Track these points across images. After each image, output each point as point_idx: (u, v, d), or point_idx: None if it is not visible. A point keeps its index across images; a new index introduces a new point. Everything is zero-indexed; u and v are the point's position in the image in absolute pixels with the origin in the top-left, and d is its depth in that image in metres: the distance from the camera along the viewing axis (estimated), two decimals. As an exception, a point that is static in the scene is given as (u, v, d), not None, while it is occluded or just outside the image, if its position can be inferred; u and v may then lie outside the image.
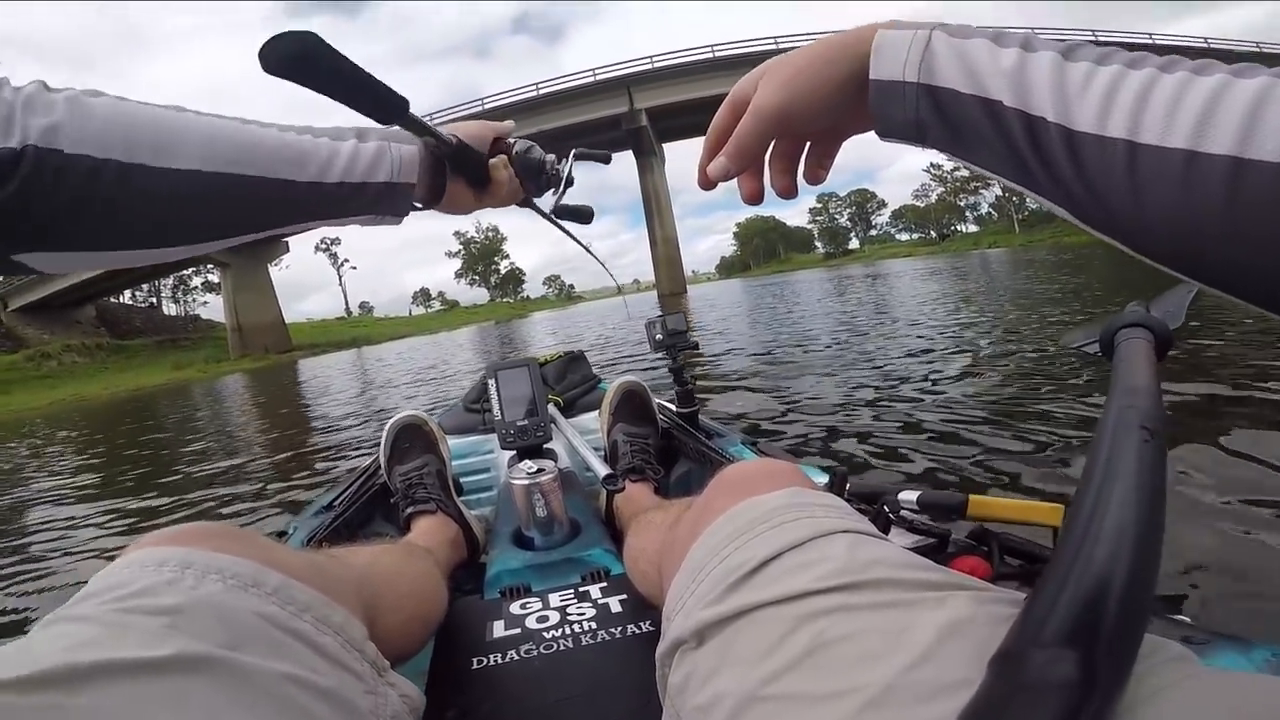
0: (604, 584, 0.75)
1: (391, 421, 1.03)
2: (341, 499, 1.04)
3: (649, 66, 27.64)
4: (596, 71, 28.00)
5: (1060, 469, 1.62)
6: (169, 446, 5.23)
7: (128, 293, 46.17)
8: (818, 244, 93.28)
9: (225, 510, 2.65)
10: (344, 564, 0.51)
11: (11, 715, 0.27)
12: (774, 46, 27.25)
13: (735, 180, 0.45)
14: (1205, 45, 30.70)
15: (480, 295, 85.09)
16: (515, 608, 0.71)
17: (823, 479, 0.82)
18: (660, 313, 1.21)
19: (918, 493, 0.72)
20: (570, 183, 0.69)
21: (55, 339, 32.82)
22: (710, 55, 27.55)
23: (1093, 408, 2.09)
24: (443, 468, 1.00)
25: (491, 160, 0.61)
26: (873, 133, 0.39)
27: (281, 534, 0.93)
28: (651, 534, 0.62)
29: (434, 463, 0.99)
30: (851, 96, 0.38)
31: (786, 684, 0.29)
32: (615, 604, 0.69)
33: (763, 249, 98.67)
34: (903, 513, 0.72)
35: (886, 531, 0.71)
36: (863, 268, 32.85)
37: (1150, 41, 30.10)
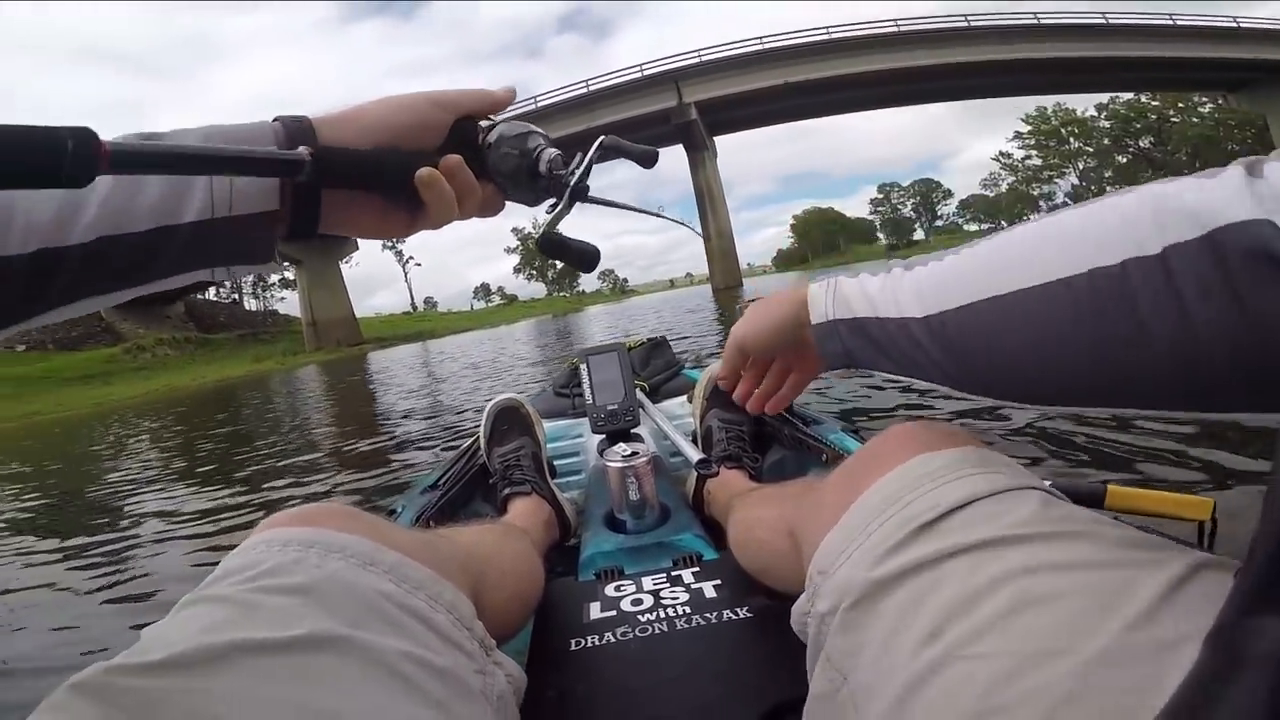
0: (696, 569, 0.75)
1: (491, 404, 1.05)
2: (446, 479, 1.06)
3: (696, 60, 27.48)
4: (644, 67, 28.04)
5: (1212, 451, 1.49)
6: (266, 431, 5.52)
7: (213, 290, 49.23)
8: (880, 235, 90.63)
9: (328, 491, 2.76)
10: (451, 543, 0.52)
11: (153, 697, 0.28)
12: (826, 37, 26.57)
13: None
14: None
15: (538, 290, 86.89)
16: (610, 590, 0.72)
17: None
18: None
19: (1049, 481, 0.68)
20: (580, 195, 0.43)
21: (149, 333, 35.50)
22: (759, 46, 27.16)
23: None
24: (538, 450, 1.02)
25: (422, 172, 0.37)
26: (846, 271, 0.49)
27: (391, 513, 0.97)
28: (772, 503, 0.61)
29: (530, 445, 1.01)
30: (797, 334, 0.51)
31: (993, 641, 0.28)
32: (709, 589, 0.69)
33: (822, 241, 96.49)
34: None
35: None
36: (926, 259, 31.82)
37: (1235, 24, 27.50)
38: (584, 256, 0.44)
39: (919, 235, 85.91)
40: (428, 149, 0.40)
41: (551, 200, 0.43)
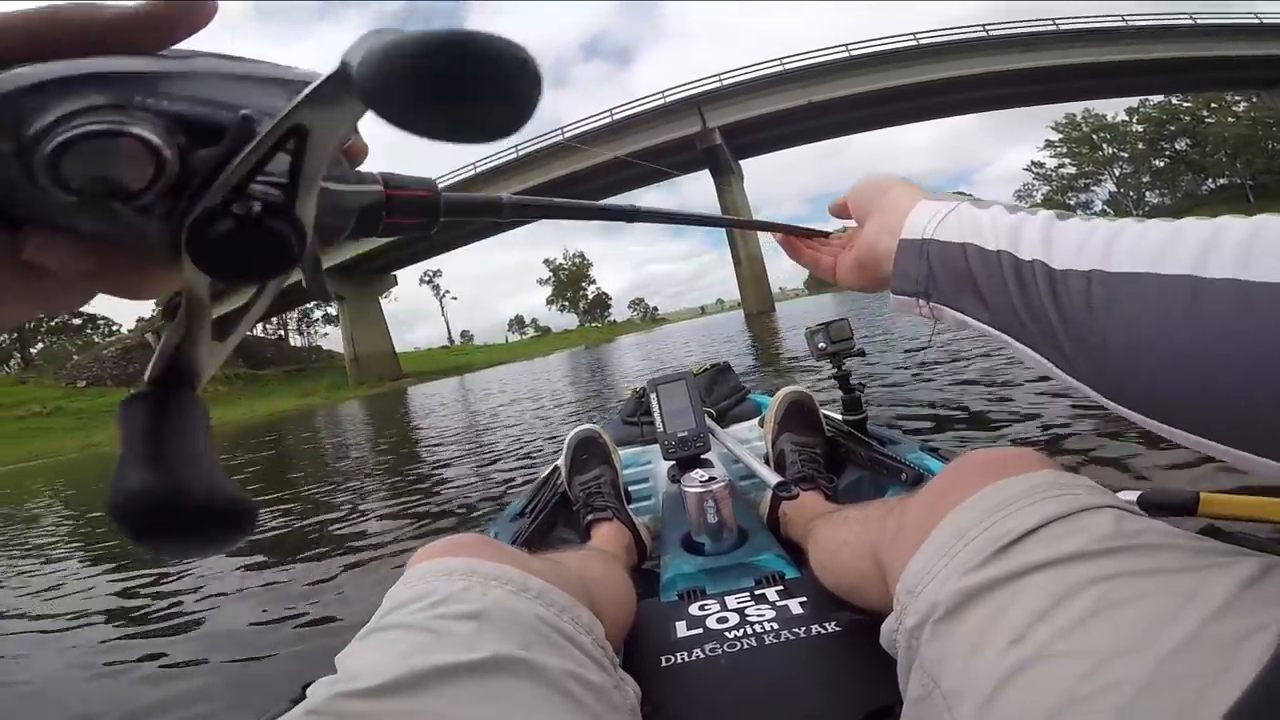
0: (780, 587, 0.76)
1: (571, 435, 1.11)
2: (533, 506, 1.11)
3: (718, 84, 27.54)
4: (666, 94, 28.22)
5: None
6: (340, 460, 5.67)
7: (259, 326, 51.22)
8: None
9: (417, 519, 2.76)
10: (570, 569, 0.56)
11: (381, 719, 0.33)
12: (846, 55, 26.45)
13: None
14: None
15: (570, 320, 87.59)
16: (694, 609, 0.74)
17: None
18: (823, 321, 1.21)
19: (1137, 493, 0.68)
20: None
21: None
22: (780, 68, 27.17)
23: None
24: (616, 477, 1.06)
25: None
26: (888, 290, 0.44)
27: None
28: (853, 526, 0.63)
29: (609, 473, 1.05)
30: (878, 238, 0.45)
31: (1074, 641, 0.30)
32: (795, 606, 0.70)
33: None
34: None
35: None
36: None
37: (1258, 21, 26.76)
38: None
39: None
40: None
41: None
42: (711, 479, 0.90)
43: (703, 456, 1.07)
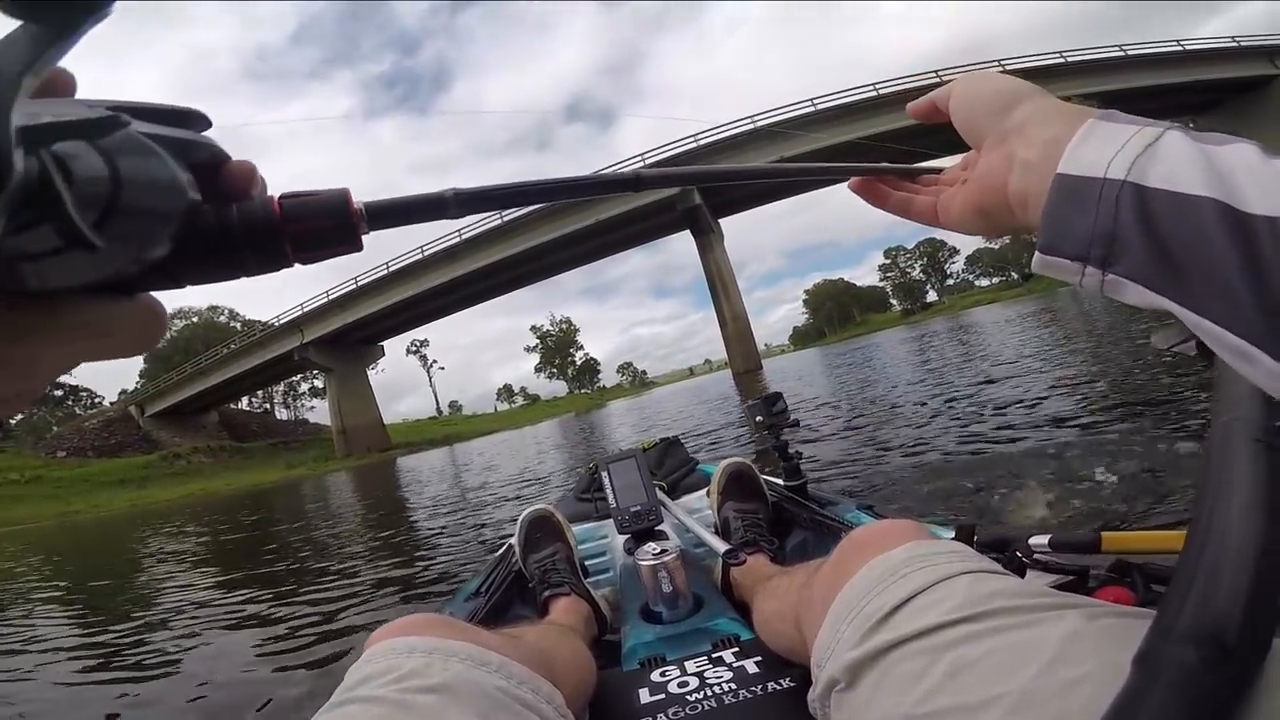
0: (736, 649, 0.79)
1: (523, 515, 1.13)
2: (489, 585, 1.13)
3: (694, 145, 28.28)
4: (645, 157, 28.56)
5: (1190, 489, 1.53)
6: (303, 538, 5.60)
7: (245, 400, 50.76)
8: (893, 301, 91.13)
9: (373, 598, 2.79)
10: (526, 642, 0.59)
11: None
12: (813, 109, 27.66)
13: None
14: (1235, 45, 28.91)
15: (559, 387, 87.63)
16: (656, 676, 0.76)
17: (948, 534, 0.83)
18: (757, 397, 1.29)
19: (1049, 535, 0.73)
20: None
21: (185, 442, 36.93)
22: (750, 126, 28.10)
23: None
24: (571, 553, 1.08)
25: None
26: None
27: None
28: (782, 596, 0.67)
29: (563, 549, 1.07)
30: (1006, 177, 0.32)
31: (938, 701, 0.34)
32: (751, 665, 0.73)
33: (836, 313, 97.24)
34: (1035, 556, 0.72)
35: (1022, 574, 0.71)
36: (946, 321, 31.62)
37: (1181, 49, 28.61)
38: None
39: (932, 297, 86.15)
40: None
41: None
42: (664, 551, 0.94)
43: (657, 528, 1.11)
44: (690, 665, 0.77)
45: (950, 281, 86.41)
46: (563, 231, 29.09)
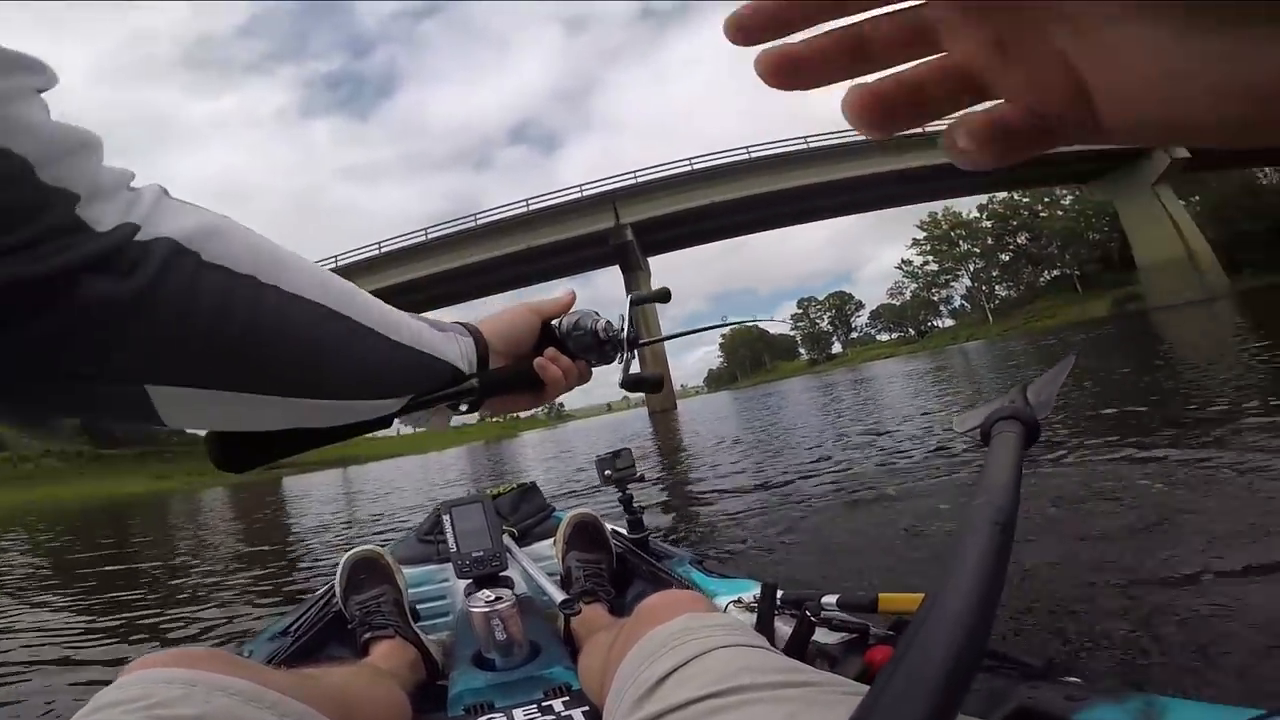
0: (566, 698, 0.79)
1: (346, 556, 1.09)
2: (299, 624, 1.08)
3: (633, 181, 28.63)
4: (583, 187, 28.99)
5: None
6: (136, 557, 5.24)
7: None
8: (801, 350, 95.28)
9: (185, 627, 2.67)
10: (321, 682, 0.58)
11: None
12: (747, 156, 28.61)
13: None
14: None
15: (469, 415, 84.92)
16: None
17: (754, 589, 0.88)
18: (606, 452, 1.33)
19: (838, 595, 0.79)
20: (634, 344, 0.59)
21: (36, 444, 33.10)
22: (689, 168, 28.76)
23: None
24: (399, 596, 1.06)
25: (538, 361, 0.54)
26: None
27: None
28: (598, 655, 0.69)
29: (391, 592, 1.05)
30: None
31: None
32: (579, 715, 0.73)
33: (749, 359, 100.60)
34: (824, 615, 0.78)
35: (811, 631, 0.77)
36: (845, 372, 33.39)
37: None
38: (657, 383, 0.60)
39: (837, 348, 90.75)
40: (531, 343, 0.57)
41: (620, 355, 0.59)
42: (498, 598, 0.93)
43: (501, 574, 1.11)
44: (519, 714, 0.76)
45: (854, 334, 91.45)
46: (492, 254, 28.60)
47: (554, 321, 0.58)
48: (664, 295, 0.61)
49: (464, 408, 0.51)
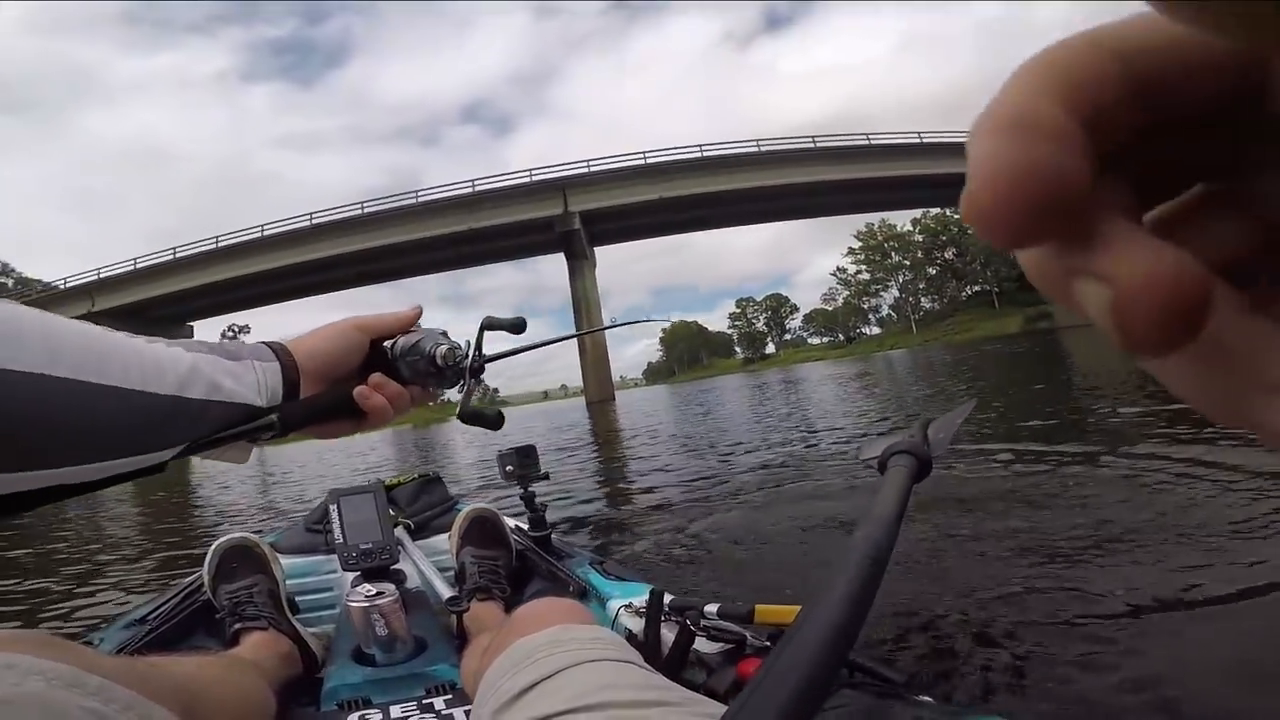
0: (449, 696, 0.78)
1: (216, 544, 1.04)
2: (158, 613, 1.03)
3: (585, 170, 28.46)
4: (533, 172, 28.59)
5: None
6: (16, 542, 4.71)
7: None
8: (737, 349, 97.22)
9: (31, 612, 2.54)
10: (163, 671, 0.55)
11: None
12: (699, 155, 28.85)
13: None
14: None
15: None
16: (353, 719, 0.74)
17: (643, 596, 0.89)
18: (510, 447, 1.30)
19: (719, 605, 0.81)
20: (477, 373, 0.53)
21: None
22: (641, 161, 28.77)
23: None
24: (274, 587, 1.01)
25: (359, 390, 0.49)
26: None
27: (88, 643, 0.91)
28: (477, 658, 0.68)
29: (265, 582, 1.00)
30: None
31: None
32: (460, 714, 0.72)
33: (687, 354, 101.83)
34: (704, 624, 0.79)
35: (691, 640, 0.78)
36: (778, 373, 34.16)
37: None
38: (496, 420, 0.55)
39: (770, 349, 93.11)
40: (355, 366, 0.52)
41: (459, 383, 0.53)
42: (380, 593, 0.91)
43: (393, 568, 1.08)
44: (395, 710, 0.75)
45: (788, 336, 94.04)
46: (430, 233, 27.83)
47: (387, 342, 0.53)
48: (519, 325, 0.56)
49: (267, 436, 0.46)
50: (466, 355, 0.52)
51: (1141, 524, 1.79)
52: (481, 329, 0.54)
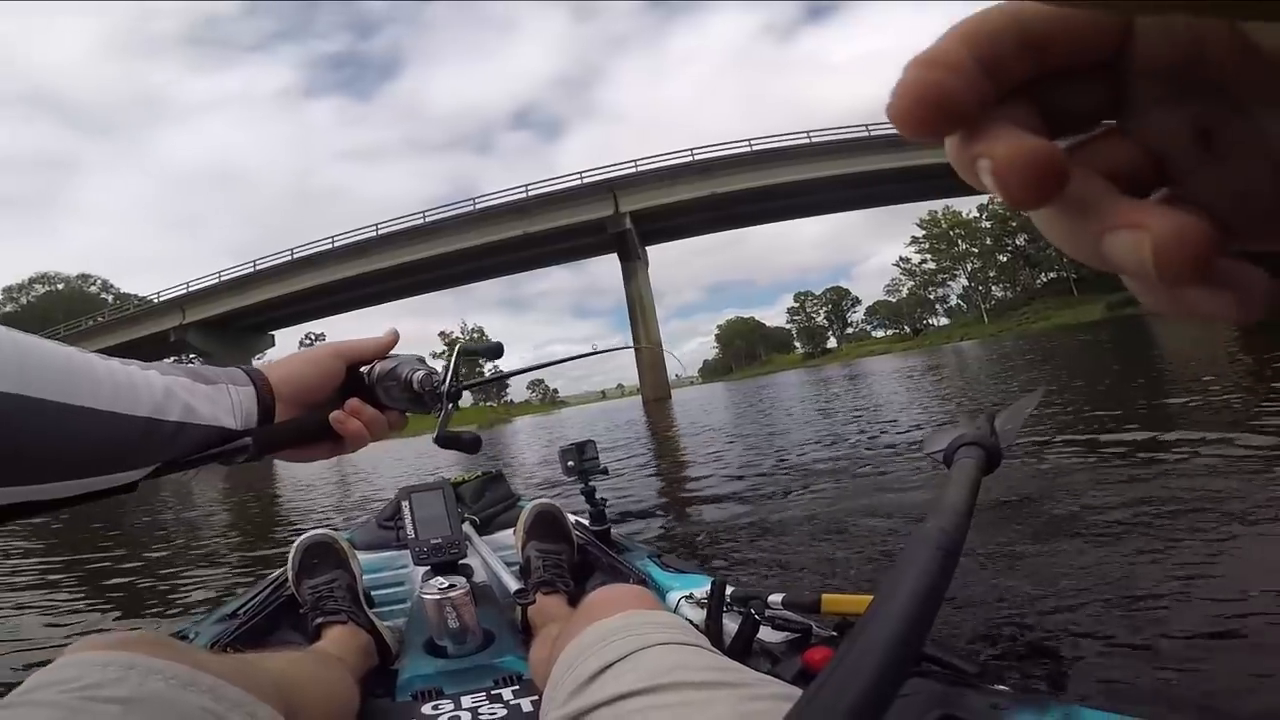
0: (516, 687, 0.80)
1: (299, 540, 1.09)
2: (247, 608, 1.09)
3: (633, 170, 28.44)
4: (583, 174, 28.79)
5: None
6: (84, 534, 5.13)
7: None
8: (797, 344, 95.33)
9: (132, 607, 2.68)
10: (262, 668, 0.58)
11: None
12: (749, 149, 28.40)
13: None
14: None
15: (465, 398, 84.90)
16: (427, 709, 0.76)
17: (707, 585, 0.89)
18: (571, 443, 1.33)
19: (784, 594, 0.80)
20: (454, 398, 0.54)
21: None
22: (689, 159, 28.51)
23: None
24: (353, 581, 1.06)
25: (334, 416, 0.50)
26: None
27: (182, 637, 0.97)
28: (546, 646, 0.70)
29: (344, 577, 1.05)
30: None
31: None
32: (527, 704, 0.75)
33: (744, 351, 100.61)
34: (769, 613, 0.78)
35: (755, 630, 0.77)
36: (840, 368, 33.29)
37: None
38: (473, 443, 0.56)
39: (832, 343, 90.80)
40: (332, 391, 0.53)
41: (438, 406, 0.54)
42: (452, 586, 0.94)
43: (460, 562, 1.11)
44: (466, 700, 0.77)
45: (850, 329, 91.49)
46: (488, 239, 28.48)
47: (364, 368, 0.54)
48: (496, 350, 0.57)
49: (241, 458, 0.46)
50: (443, 381, 0.53)
51: (1237, 512, 1.68)
52: (457, 355, 0.55)
